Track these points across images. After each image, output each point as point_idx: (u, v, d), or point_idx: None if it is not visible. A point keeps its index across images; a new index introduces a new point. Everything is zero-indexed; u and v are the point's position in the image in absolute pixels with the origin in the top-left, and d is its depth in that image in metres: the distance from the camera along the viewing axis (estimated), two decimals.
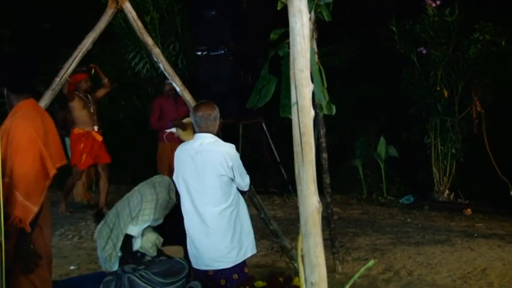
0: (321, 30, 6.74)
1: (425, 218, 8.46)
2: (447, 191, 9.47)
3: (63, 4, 12.28)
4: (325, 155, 6.57)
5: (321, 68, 6.35)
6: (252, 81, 9.27)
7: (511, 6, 8.54)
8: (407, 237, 7.70)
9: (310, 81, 2.78)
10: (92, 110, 9.29)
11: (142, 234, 5.03)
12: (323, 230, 6.60)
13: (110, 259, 4.90)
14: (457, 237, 7.56)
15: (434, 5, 9.20)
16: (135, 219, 4.96)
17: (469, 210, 8.78)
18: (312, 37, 6.42)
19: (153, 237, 5.04)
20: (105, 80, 9.35)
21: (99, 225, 5.17)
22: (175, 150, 8.34)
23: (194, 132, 7.57)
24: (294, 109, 2.77)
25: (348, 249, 7.22)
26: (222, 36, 9.85)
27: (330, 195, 6.57)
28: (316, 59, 6.34)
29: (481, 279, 6.02)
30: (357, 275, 3.07)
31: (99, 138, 9.45)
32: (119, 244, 4.91)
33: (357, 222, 8.48)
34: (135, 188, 5.29)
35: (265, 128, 10.33)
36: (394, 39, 9.65)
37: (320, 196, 6.76)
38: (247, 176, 4.76)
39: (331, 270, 6.38)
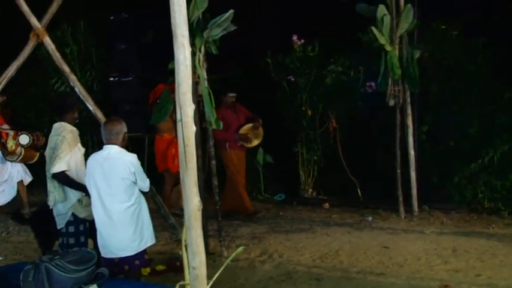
0: (213, 61, 6.75)
1: (293, 212, 8.57)
2: (311, 190, 9.62)
3: None
4: (213, 162, 6.56)
5: (210, 91, 6.37)
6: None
7: (357, 45, 8.81)
8: (280, 227, 7.77)
9: (191, 102, 2.75)
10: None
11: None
12: (212, 223, 6.63)
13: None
14: (317, 226, 7.69)
15: (299, 42, 9.40)
16: None
17: (327, 204, 8.95)
18: (202, 67, 6.41)
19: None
20: None
21: None
22: (238, 156, 8.24)
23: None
24: (179, 125, 2.74)
25: (233, 238, 7.22)
26: (130, 65, 9.70)
27: (217, 194, 6.55)
28: (206, 85, 6.35)
29: (334, 259, 6.15)
30: (229, 259, 3.11)
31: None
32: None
33: (240, 216, 8.48)
34: None
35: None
36: (269, 69, 9.77)
37: (210, 195, 6.76)
38: (147, 180, 4.73)
39: (219, 255, 6.38)
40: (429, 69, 8.63)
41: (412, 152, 7.96)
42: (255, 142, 8.50)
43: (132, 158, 4.63)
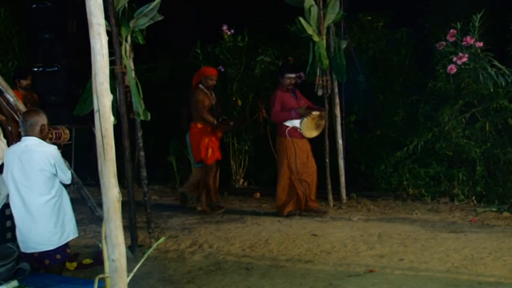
0: (140, 51, 6.66)
1: (224, 202, 8.56)
2: (242, 180, 9.67)
3: None
4: (142, 153, 6.47)
5: (138, 82, 6.29)
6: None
7: (286, 36, 8.90)
8: (210, 217, 7.76)
9: (109, 92, 2.71)
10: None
11: None
12: (141, 215, 6.56)
13: None
14: (248, 215, 7.73)
15: (229, 32, 9.39)
16: None
17: (258, 194, 9.00)
18: (129, 57, 6.31)
19: None
20: None
21: None
22: (296, 146, 7.45)
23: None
24: (96, 116, 2.69)
25: (163, 229, 7.17)
26: (55, 55, 9.45)
27: (146, 186, 6.46)
28: (133, 75, 6.26)
29: (264, 248, 6.20)
30: (150, 250, 3.05)
31: (219, 133, 8.02)
32: None
33: (170, 207, 8.45)
34: None
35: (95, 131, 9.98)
36: (199, 59, 9.73)
37: (139, 187, 6.66)
38: (69, 172, 4.62)
39: (148, 247, 6.29)
40: (356, 59, 8.79)
41: (340, 141, 8.10)
42: (315, 133, 7.62)
43: (53, 149, 4.52)
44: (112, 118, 2.68)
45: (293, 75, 7.56)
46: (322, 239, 6.42)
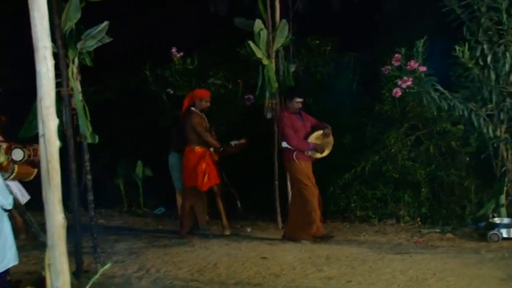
0: (88, 73, 6.59)
1: (172, 225, 8.49)
2: None
3: None
4: (89, 177, 6.37)
5: (85, 104, 6.22)
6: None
7: (236, 59, 8.99)
8: (158, 241, 7.69)
9: (55, 116, 2.68)
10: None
11: None
12: (88, 239, 6.44)
13: None
14: (196, 239, 7.68)
15: (178, 55, 9.42)
16: None
17: (207, 217, 8.93)
18: (76, 79, 6.24)
19: None
20: None
21: None
22: (307, 166, 7.37)
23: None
24: (41, 140, 2.66)
25: (109, 254, 7.03)
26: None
27: (93, 209, 6.36)
28: (80, 97, 6.19)
29: (213, 271, 6.16)
30: (96, 277, 2.99)
31: (216, 157, 7.86)
32: None
33: (118, 231, 8.32)
34: None
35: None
36: (148, 81, 9.71)
37: (85, 211, 6.55)
38: (11, 196, 4.50)
39: (94, 272, 6.17)
40: (304, 82, 8.95)
41: None
42: (326, 152, 7.59)
43: None
44: (58, 142, 2.65)
45: (301, 100, 7.46)
46: (271, 261, 6.43)
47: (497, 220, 7.27)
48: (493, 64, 7.15)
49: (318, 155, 7.46)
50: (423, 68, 7.26)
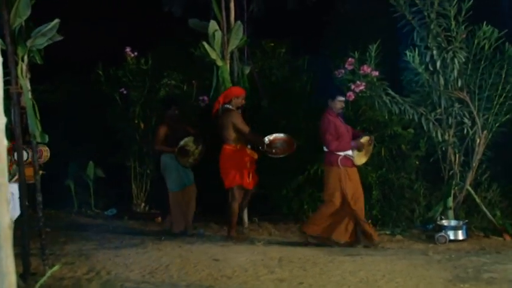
0: (39, 72, 6.47)
1: (125, 227, 8.40)
2: (143, 204, 9.56)
3: None
4: (38, 177, 6.25)
5: (35, 103, 6.09)
6: None
7: (191, 60, 8.96)
8: (109, 243, 7.58)
9: (3, 115, 2.60)
10: None
11: None
12: (36, 241, 6.29)
13: None
14: (149, 240, 7.61)
15: (132, 55, 9.34)
16: None
17: (159, 218, 8.92)
18: (25, 77, 6.10)
19: None
20: None
21: None
22: (348, 174, 6.99)
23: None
24: None
25: (58, 256, 6.89)
26: None
27: (41, 211, 6.23)
28: (30, 96, 6.06)
29: (164, 273, 6.11)
30: (44, 279, 2.94)
31: (255, 155, 7.64)
32: None
33: (67, 233, 8.17)
34: None
35: None
36: (101, 81, 9.58)
37: (34, 212, 6.40)
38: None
39: (41, 274, 6.04)
40: (259, 84, 8.98)
41: None
42: (364, 159, 7.36)
43: None
44: (5, 142, 2.58)
45: (344, 99, 7.21)
46: (223, 263, 6.42)
47: (444, 222, 7.46)
48: (442, 70, 7.33)
49: (359, 161, 7.21)
50: (375, 73, 7.39)
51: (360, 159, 7.25)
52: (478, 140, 7.51)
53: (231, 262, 6.47)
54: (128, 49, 9.37)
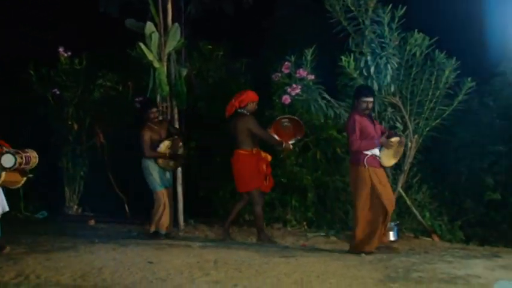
0: None
1: (56, 230, 8.16)
2: (76, 206, 9.35)
3: None
4: None
5: None
6: None
7: (127, 60, 8.83)
8: (40, 246, 7.34)
9: None
10: None
11: None
12: None
13: None
14: (81, 244, 7.41)
15: (66, 55, 9.14)
16: None
17: (93, 221, 8.75)
18: None
19: None
20: None
21: None
22: (375, 175, 6.50)
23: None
24: None
25: None
26: None
27: None
28: None
29: (97, 277, 5.96)
30: None
31: (269, 157, 7.43)
32: None
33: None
34: None
35: None
36: (32, 80, 9.33)
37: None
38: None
39: None
40: (196, 87, 8.95)
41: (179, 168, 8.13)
42: (393, 161, 6.88)
43: None
44: None
45: (371, 99, 6.75)
46: (158, 266, 6.33)
47: None
48: (376, 75, 7.48)
49: (387, 163, 6.78)
50: (311, 77, 7.48)
51: (389, 160, 6.80)
52: (409, 144, 7.70)
53: (166, 265, 6.39)
54: (61, 49, 9.16)
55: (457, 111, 7.66)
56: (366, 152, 6.58)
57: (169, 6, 8.20)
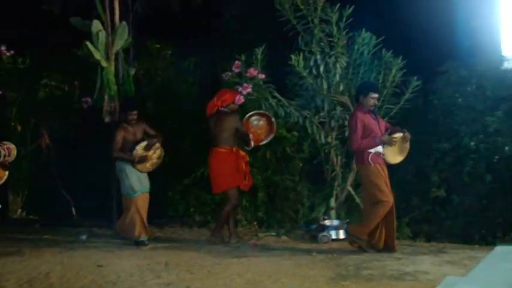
0: None
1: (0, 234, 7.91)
2: (20, 210, 9.09)
3: None
4: None
5: None
6: None
7: (73, 59, 8.63)
8: None
9: None
10: None
11: None
12: None
13: None
14: (26, 248, 7.21)
15: (8, 53, 8.88)
16: None
17: (37, 225, 8.53)
18: None
19: None
20: None
21: None
22: (381, 172, 6.33)
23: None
24: None
25: None
26: None
27: None
28: None
29: (44, 281, 5.81)
30: None
31: (247, 157, 7.33)
32: None
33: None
34: None
35: None
36: None
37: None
38: None
39: None
40: (144, 86, 8.82)
41: None
42: (399, 158, 6.72)
43: None
44: None
45: (377, 95, 6.70)
46: (107, 269, 6.21)
47: (327, 222, 7.66)
48: (325, 74, 7.55)
49: (392, 160, 6.66)
50: (262, 76, 7.47)
51: (394, 157, 6.65)
52: None
53: (116, 267, 6.28)
54: (3, 47, 8.89)
55: (404, 109, 7.79)
56: (369, 150, 6.48)
57: (116, 4, 8.06)
